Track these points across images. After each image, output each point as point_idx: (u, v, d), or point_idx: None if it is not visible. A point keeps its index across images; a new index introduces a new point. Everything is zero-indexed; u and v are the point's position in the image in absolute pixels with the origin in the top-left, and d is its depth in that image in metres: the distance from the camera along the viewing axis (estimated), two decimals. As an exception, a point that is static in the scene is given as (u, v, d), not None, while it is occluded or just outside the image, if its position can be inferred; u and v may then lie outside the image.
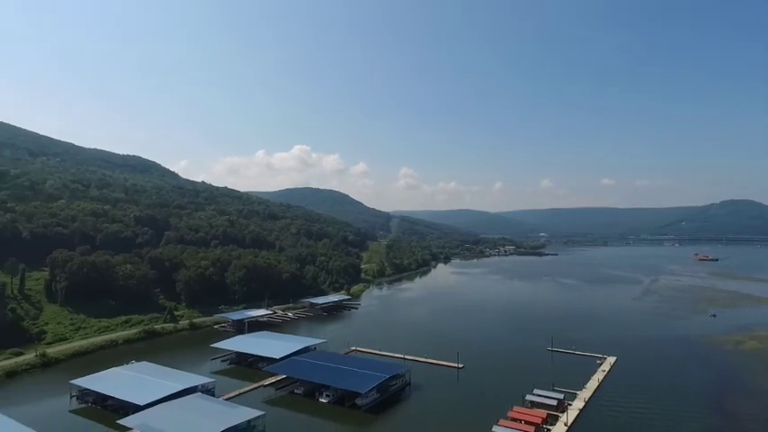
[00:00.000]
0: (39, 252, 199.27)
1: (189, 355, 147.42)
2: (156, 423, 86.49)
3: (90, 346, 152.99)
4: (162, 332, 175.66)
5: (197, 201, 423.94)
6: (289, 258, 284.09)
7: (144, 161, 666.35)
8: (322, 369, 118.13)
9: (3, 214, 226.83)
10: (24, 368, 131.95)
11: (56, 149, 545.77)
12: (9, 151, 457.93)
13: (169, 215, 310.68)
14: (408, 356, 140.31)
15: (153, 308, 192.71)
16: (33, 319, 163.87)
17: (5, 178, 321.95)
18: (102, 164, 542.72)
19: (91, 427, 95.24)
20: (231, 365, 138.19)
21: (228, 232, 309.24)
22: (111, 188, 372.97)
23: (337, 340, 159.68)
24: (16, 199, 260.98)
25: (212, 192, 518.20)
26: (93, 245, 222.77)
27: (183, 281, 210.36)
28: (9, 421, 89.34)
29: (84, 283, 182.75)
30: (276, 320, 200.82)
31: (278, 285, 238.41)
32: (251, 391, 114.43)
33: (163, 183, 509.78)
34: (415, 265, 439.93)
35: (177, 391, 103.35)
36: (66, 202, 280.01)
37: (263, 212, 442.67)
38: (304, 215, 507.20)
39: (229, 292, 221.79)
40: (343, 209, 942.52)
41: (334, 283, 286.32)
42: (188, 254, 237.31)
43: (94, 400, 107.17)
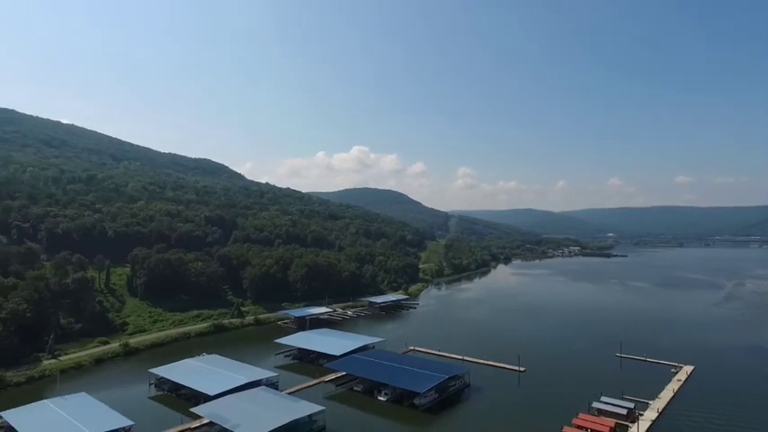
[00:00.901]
0: (121, 249, 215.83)
1: (254, 350, 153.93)
2: (225, 413, 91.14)
3: (166, 338, 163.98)
4: (230, 327, 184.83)
5: (261, 201, 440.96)
6: (348, 257, 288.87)
7: (213, 164, 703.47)
8: (381, 367, 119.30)
9: (91, 215, 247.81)
10: (110, 356, 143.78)
11: (136, 154, 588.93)
12: (96, 157, 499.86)
13: (236, 215, 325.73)
14: (467, 358, 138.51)
15: (222, 303, 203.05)
16: (117, 312, 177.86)
17: (93, 182, 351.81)
18: (176, 167, 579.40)
19: (167, 413, 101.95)
20: (293, 361, 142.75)
21: (291, 232, 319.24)
22: (184, 190, 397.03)
23: (395, 339, 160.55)
24: (102, 200, 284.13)
25: (276, 193, 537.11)
26: (168, 243, 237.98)
27: (248, 278, 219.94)
28: (98, 404, 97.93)
29: (160, 278, 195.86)
30: (336, 318, 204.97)
31: (338, 284, 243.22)
32: (312, 387, 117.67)
33: (230, 184, 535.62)
34: (474, 266, 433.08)
35: (244, 384, 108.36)
36: (144, 203, 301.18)
37: (323, 212, 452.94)
38: (363, 215, 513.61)
39: (292, 289, 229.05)
40: (401, 209, 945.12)
41: (393, 282, 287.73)
42: (253, 252, 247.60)
43: (170, 388, 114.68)
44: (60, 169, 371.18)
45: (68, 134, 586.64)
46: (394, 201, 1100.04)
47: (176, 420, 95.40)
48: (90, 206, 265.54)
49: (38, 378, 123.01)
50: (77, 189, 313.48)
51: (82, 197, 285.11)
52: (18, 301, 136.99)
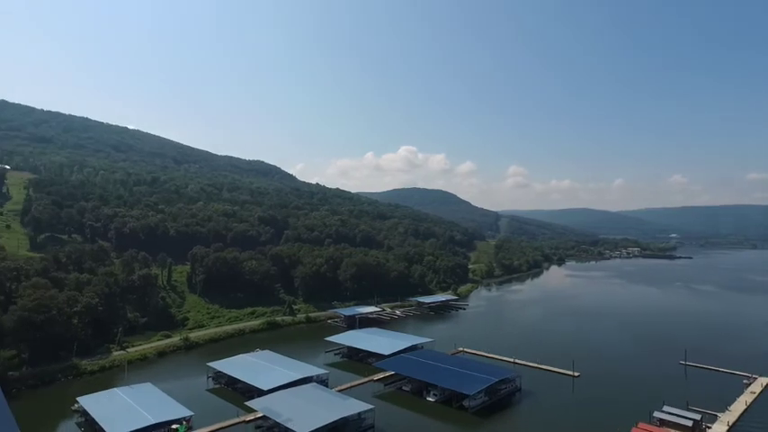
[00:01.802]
0: (182, 248, 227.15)
1: (305, 347, 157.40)
2: (278, 407, 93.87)
3: (222, 334, 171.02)
4: (282, 324, 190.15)
5: (312, 201, 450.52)
6: (397, 257, 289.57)
7: (266, 165, 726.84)
8: (430, 368, 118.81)
9: (154, 215, 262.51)
10: (172, 349, 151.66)
11: (195, 157, 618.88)
12: (159, 160, 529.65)
13: (288, 215, 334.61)
14: (519, 361, 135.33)
15: (274, 301, 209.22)
16: (178, 307, 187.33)
17: (157, 183, 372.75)
18: (231, 169, 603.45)
19: (224, 405, 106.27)
20: (343, 359, 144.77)
21: (340, 231, 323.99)
22: (239, 191, 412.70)
23: (444, 340, 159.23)
24: (165, 201, 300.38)
25: (325, 193, 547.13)
26: (224, 242, 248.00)
27: (300, 277, 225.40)
28: (161, 393, 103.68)
29: (217, 276, 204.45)
30: (384, 318, 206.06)
31: (386, 283, 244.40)
32: (361, 385, 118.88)
33: (282, 185, 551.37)
34: (525, 267, 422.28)
35: (296, 380, 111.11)
36: (203, 204, 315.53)
37: (372, 212, 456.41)
38: (411, 215, 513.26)
39: (341, 288, 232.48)
40: (450, 208, 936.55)
41: (442, 282, 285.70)
42: (304, 251, 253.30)
43: (226, 381, 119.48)
44: (127, 172, 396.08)
45: (134, 139, 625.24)
46: (443, 200, 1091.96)
47: (232, 413, 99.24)
48: (154, 207, 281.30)
49: (108, 368, 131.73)
50: (142, 191, 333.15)
51: (146, 198, 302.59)
52: (91, 295, 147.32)
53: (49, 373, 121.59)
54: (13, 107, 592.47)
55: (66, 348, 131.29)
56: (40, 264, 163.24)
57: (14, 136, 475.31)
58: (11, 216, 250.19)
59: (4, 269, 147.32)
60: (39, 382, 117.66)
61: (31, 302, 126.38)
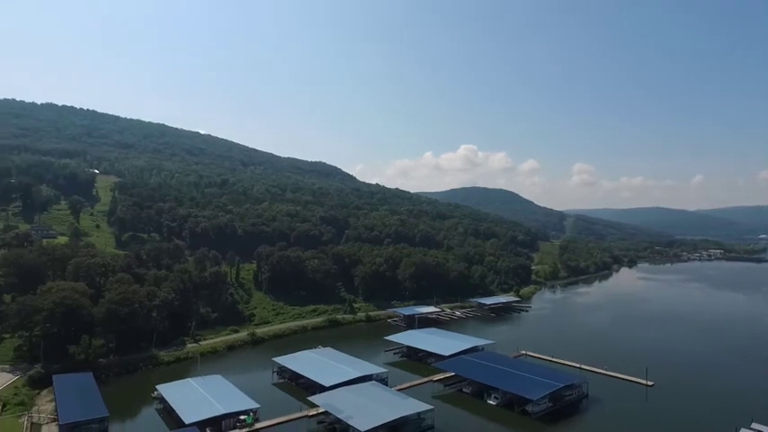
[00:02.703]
0: (249, 247, 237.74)
1: (365, 345, 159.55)
2: (339, 404, 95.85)
3: (286, 330, 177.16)
4: (343, 322, 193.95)
5: (372, 202, 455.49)
6: (456, 257, 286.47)
7: (327, 166, 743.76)
8: (491, 370, 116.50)
9: (224, 215, 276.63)
10: (239, 344, 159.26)
11: (260, 159, 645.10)
12: (228, 163, 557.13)
13: (348, 215, 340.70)
14: (586, 366, 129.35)
15: (335, 299, 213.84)
16: (245, 303, 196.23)
17: (226, 185, 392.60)
18: (294, 170, 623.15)
19: (288, 400, 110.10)
20: (402, 358, 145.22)
21: (400, 231, 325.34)
22: (302, 191, 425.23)
23: (505, 342, 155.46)
24: (233, 202, 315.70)
25: (385, 193, 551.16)
26: (288, 241, 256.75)
27: (360, 276, 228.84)
28: (230, 385, 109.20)
29: (281, 274, 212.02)
30: (444, 318, 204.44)
31: (446, 284, 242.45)
32: (420, 385, 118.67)
33: (343, 186, 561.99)
34: (593, 269, 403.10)
35: (356, 378, 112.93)
36: (268, 204, 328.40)
37: (431, 212, 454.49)
38: (471, 214, 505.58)
39: (400, 288, 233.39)
40: (512, 208, 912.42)
41: (503, 283, 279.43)
42: (364, 251, 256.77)
43: (290, 376, 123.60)
44: (199, 175, 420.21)
45: (205, 143, 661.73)
46: (504, 200, 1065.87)
47: (296, 407, 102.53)
48: (223, 207, 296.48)
49: (183, 359, 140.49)
50: (213, 192, 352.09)
51: (217, 199, 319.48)
52: (168, 290, 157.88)
53: (132, 362, 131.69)
54: (101, 116, 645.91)
55: (147, 339, 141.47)
56: (124, 260, 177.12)
57: (102, 143, 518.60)
58: (100, 216, 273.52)
59: (94, 265, 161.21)
60: (123, 370, 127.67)
61: (116, 296, 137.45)
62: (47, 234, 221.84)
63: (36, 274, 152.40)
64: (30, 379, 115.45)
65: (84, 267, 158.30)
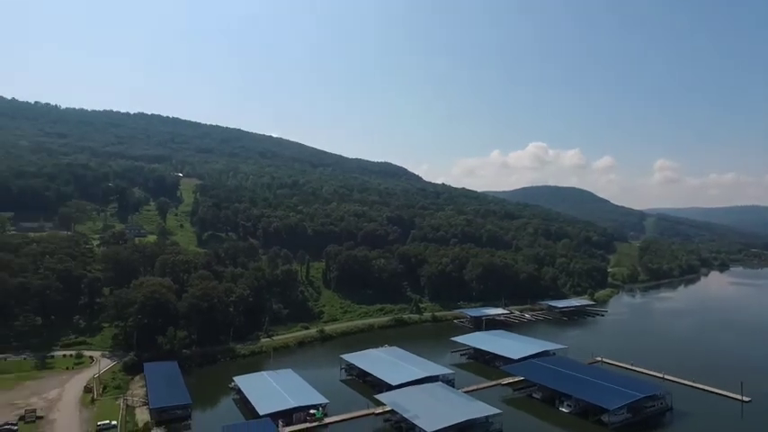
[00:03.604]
0: (318, 246, 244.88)
1: (431, 346, 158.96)
2: (405, 403, 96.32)
3: (354, 328, 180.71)
4: (408, 321, 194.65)
5: (437, 201, 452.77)
6: (526, 258, 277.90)
7: (393, 167, 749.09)
8: (563, 376, 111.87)
9: (294, 215, 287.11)
10: (309, 340, 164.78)
11: (328, 161, 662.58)
12: (298, 164, 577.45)
13: (414, 215, 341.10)
14: (669, 377, 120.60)
15: (401, 299, 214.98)
16: (315, 301, 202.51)
17: (296, 186, 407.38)
18: (361, 171, 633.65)
19: (355, 396, 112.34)
20: (469, 360, 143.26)
21: (466, 231, 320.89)
22: (369, 192, 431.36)
23: (579, 348, 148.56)
24: (303, 203, 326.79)
25: (451, 193, 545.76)
26: (355, 241, 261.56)
27: (426, 276, 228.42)
28: (300, 380, 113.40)
29: (349, 273, 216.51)
30: (512, 320, 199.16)
31: (514, 285, 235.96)
32: (488, 388, 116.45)
33: (409, 186, 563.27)
34: (677, 272, 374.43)
35: (422, 378, 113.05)
36: (336, 204, 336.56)
37: (499, 212, 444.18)
38: (541, 214, 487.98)
39: (467, 288, 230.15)
40: (586, 207, 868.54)
41: (576, 286, 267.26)
42: (430, 251, 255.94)
43: (357, 374, 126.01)
44: (272, 176, 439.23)
45: (277, 146, 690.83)
46: (577, 199, 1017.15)
47: (363, 404, 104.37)
48: (294, 208, 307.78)
49: (257, 353, 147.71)
50: (284, 193, 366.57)
51: (288, 200, 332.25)
52: (243, 287, 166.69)
53: (211, 354, 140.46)
54: (184, 123, 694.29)
55: (225, 333, 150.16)
56: (205, 258, 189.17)
57: (185, 148, 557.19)
58: (183, 217, 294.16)
59: (178, 262, 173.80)
60: (204, 361, 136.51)
61: (198, 291, 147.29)
62: (138, 233, 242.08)
63: (130, 270, 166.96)
64: (125, 365, 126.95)
65: (170, 264, 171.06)
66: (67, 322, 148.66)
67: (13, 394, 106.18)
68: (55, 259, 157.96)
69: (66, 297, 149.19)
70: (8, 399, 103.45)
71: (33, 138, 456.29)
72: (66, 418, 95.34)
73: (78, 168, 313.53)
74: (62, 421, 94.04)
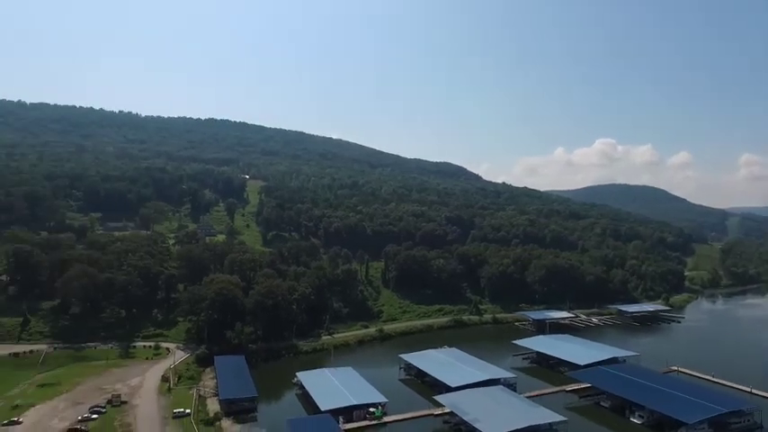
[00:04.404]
0: (377, 245, 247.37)
1: (491, 348, 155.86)
2: (465, 405, 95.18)
3: (413, 328, 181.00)
4: (468, 323, 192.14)
5: (498, 201, 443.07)
6: (592, 260, 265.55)
7: (452, 166, 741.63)
8: (634, 385, 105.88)
9: (354, 215, 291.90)
10: (368, 339, 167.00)
11: (387, 161, 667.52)
12: (357, 165, 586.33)
13: (474, 215, 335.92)
14: (758, 391, 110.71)
15: (461, 300, 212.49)
16: (374, 300, 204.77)
17: (356, 187, 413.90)
18: (420, 171, 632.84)
19: (413, 396, 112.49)
20: (531, 364, 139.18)
21: (528, 231, 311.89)
22: (427, 192, 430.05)
23: (652, 356, 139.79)
24: (362, 203, 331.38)
25: (512, 192, 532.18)
26: (413, 241, 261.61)
27: (486, 277, 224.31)
28: (360, 378, 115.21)
29: (407, 273, 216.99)
30: (578, 324, 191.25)
31: (580, 288, 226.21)
32: (552, 394, 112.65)
33: (468, 185, 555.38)
34: (766, 277, 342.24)
35: (482, 380, 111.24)
36: (394, 205, 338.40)
37: (563, 212, 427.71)
38: (609, 214, 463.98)
39: (529, 290, 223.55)
40: (659, 206, 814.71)
41: (648, 290, 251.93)
42: (491, 251, 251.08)
43: (416, 374, 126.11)
44: (332, 177, 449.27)
45: (338, 147, 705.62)
46: (649, 197, 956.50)
47: (421, 405, 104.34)
48: (353, 208, 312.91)
49: (318, 350, 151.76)
50: (344, 194, 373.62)
51: (348, 201, 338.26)
52: (306, 285, 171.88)
53: (275, 350, 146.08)
54: (251, 128, 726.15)
55: (288, 330, 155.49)
56: (269, 257, 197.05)
57: (252, 151, 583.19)
58: (249, 217, 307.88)
59: (245, 261, 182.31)
60: (269, 356, 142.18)
61: (263, 289, 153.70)
62: (209, 232, 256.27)
63: (201, 267, 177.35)
64: (197, 357, 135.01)
65: (238, 262, 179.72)
66: (147, 315, 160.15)
67: (102, 380, 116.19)
68: (136, 257, 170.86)
69: (145, 292, 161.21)
70: (98, 384, 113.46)
71: (118, 144, 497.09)
72: (147, 404, 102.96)
73: (156, 172, 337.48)
74: (143, 407, 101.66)
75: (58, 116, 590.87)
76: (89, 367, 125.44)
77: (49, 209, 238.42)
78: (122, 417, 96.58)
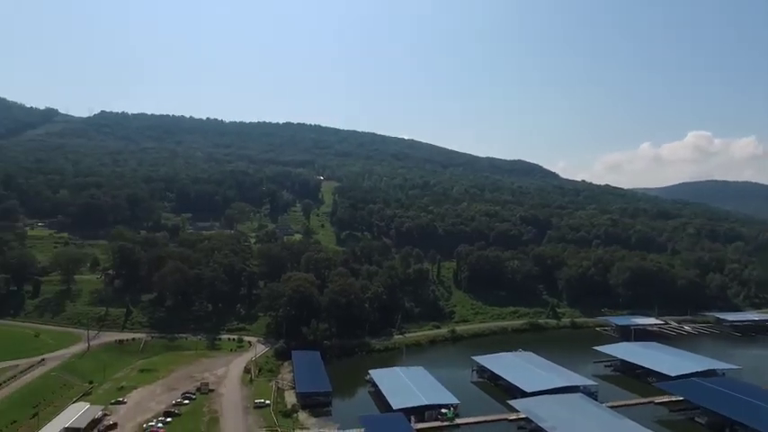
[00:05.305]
0: (449, 246, 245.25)
1: (569, 354, 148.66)
2: (542, 412, 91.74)
3: (485, 330, 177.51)
4: (545, 326, 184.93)
5: (577, 200, 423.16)
6: (685, 263, 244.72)
7: (527, 164, 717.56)
8: (735, 401, 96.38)
9: (426, 215, 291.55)
10: (440, 339, 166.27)
11: (459, 160, 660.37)
12: (429, 165, 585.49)
13: (550, 215, 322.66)
14: None
15: (536, 302, 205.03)
16: (446, 301, 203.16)
17: (427, 187, 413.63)
18: (493, 170, 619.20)
19: (486, 400, 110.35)
20: (615, 372, 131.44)
21: (611, 232, 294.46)
22: (501, 191, 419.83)
23: (757, 370, 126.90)
24: (434, 203, 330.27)
25: (593, 190, 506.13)
26: (486, 241, 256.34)
27: (564, 279, 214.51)
28: (431, 378, 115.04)
29: (480, 274, 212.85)
30: (668, 332, 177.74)
31: (671, 293, 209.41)
32: (638, 405, 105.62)
33: (544, 184, 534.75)
34: None
35: (560, 387, 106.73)
36: (466, 204, 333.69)
37: (650, 210, 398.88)
38: (705, 213, 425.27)
39: (612, 294, 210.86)
40: (766, 205, 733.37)
41: (753, 297, 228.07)
42: (569, 253, 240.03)
43: (489, 377, 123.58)
44: (404, 178, 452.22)
45: (409, 148, 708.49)
46: (752, 194, 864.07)
47: (494, 408, 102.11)
48: (425, 208, 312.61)
49: (390, 348, 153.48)
50: (416, 194, 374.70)
51: (419, 201, 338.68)
52: (378, 285, 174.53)
53: (349, 347, 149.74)
54: (324, 130, 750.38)
55: (361, 328, 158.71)
56: (343, 256, 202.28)
57: (326, 153, 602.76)
58: (324, 217, 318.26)
59: (320, 259, 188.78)
60: (342, 353, 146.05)
61: (337, 287, 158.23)
62: (287, 232, 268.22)
63: (280, 265, 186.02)
64: (275, 351, 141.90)
65: (313, 261, 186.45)
66: (231, 310, 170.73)
67: (192, 368, 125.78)
68: (221, 254, 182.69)
69: (230, 287, 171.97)
70: (189, 372, 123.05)
71: (205, 149, 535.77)
72: (232, 393, 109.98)
73: (239, 174, 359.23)
74: (228, 395, 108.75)
75: (154, 125, 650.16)
76: (181, 356, 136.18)
77: (147, 210, 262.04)
78: (210, 404, 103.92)
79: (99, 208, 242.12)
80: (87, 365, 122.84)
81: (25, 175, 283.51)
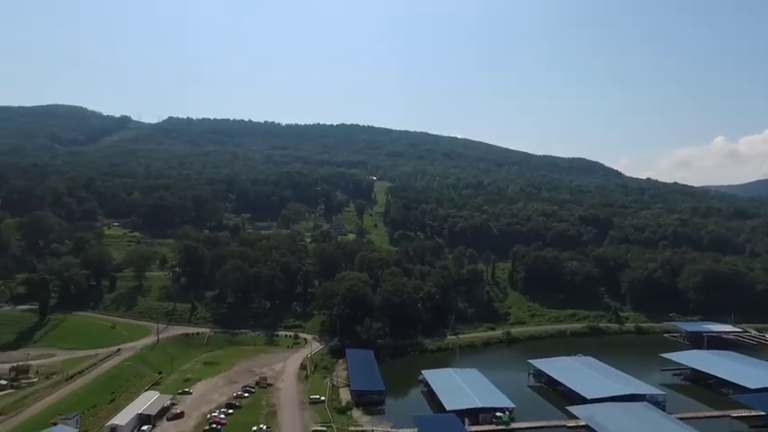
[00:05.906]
0: (504, 246, 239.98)
1: (633, 360, 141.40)
2: (604, 420, 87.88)
3: (542, 333, 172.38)
4: (606, 331, 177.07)
5: (641, 199, 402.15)
6: (765, 266, 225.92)
7: (587, 162, 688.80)
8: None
9: (480, 215, 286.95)
10: (495, 341, 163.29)
11: (514, 159, 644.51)
12: (483, 164, 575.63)
13: (612, 214, 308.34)
14: None
15: (597, 305, 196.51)
16: (501, 302, 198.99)
17: (481, 186, 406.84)
18: (550, 168, 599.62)
19: (544, 405, 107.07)
20: (684, 382, 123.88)
21: (679, 232, 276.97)
22: (558, 190, 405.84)
23: None
24: (488, 203, 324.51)
25: (659, 189, 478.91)
26: (543, 241, 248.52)
27: (627, 282, 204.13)
28: (485, 380, 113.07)
29: (537, 275, 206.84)
30: (746, 341, 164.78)
31: (749, 298, 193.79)
32: (712, 418, 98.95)
33: (605, 182, 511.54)
34: None
35: (624, 395, 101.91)
36: (522, 204, 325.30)
37: (725, 210, 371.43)
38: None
39: (681, 298, 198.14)
40: None
41: None
42: (633, 254, 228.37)
43: (547, 382, 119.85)
44: (457, 177, 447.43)
45: (462, 147, 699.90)
46: None
47: (552, 414, 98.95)
48: (479, 208, 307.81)
49: (443, 349, 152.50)
50: (469, 193, 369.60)
51: (473, 200, 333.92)
52: (431, 285, 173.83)
53: (402, 346, 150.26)
54: (377, 131, 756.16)
55: (414, 328, 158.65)
56: (396, 256, 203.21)
57: (378, 153, 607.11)
58: (377, 217, 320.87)
59: (373, 259, 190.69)
60: (395, 352, 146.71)
61: (390, 287, 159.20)
62: (341, 231, 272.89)
63: (334, 265, 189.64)
64: (330, 349, 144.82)
65: (366, 261, 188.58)
66: (287, 307, 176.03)
67: (252, 363, 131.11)
68: (279, 253, 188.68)
69: (286, 286, 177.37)
70: (248, 366, 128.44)
71: (263, 151, 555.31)
72: (289, 388, 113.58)
73: (295, 175, 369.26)
74: (286, 390, 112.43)
75: (216, 128, 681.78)
76: (242, 351, 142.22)
77: (210, 210, 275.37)
78: (268, 398, 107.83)
79: (167, 209, 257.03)
80: (157, 357, 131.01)
81: (103, 179, 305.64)
